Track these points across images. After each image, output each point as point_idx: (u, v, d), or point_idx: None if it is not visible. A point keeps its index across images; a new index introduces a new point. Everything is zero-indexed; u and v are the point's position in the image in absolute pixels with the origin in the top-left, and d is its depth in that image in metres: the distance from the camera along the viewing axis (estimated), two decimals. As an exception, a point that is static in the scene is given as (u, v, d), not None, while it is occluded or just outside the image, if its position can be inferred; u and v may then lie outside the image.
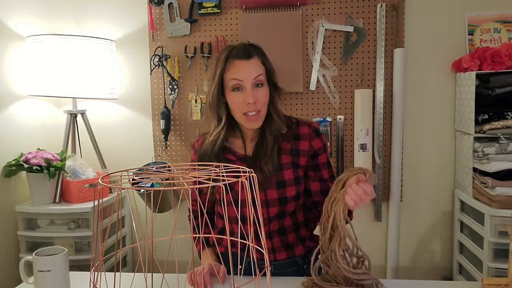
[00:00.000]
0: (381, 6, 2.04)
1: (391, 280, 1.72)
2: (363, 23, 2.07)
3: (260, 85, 1.21)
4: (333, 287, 1.07)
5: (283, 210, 1.27)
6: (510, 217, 1.68)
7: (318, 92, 2.13)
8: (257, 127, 1.24)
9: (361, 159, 2.08)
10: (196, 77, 2.19)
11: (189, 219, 1.43)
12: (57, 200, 2.02)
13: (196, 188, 1.25)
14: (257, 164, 1.23)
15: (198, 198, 1.21)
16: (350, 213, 1.14)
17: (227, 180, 0.70)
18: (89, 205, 1.98)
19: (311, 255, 1.26)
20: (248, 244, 0.75)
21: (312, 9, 2.09)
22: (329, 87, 2.12)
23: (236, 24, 2.13)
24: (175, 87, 2.18)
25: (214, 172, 0.75)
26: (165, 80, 2.19)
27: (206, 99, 1.27)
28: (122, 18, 2.24)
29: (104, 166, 2.18)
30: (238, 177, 0.70)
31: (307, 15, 2.09)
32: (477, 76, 1.85)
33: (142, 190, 1.93)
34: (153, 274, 0.70)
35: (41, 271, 1.07)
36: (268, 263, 0.71)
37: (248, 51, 1.21)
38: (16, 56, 2.03)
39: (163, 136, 2.21)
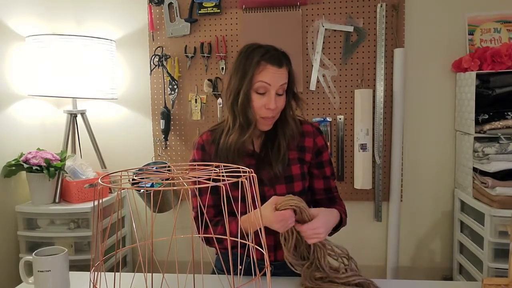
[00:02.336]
0: (381, 6, 2.03)
1: (391, 280, 1.71)
2: (363, 23, 2.07)
3: (280, 94, 1.24)
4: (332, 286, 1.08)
5: None
6: (510, 217, 1.69)
7: (318, 92, 2.13)
8: (268, 129, 1.28)
9: (361, 159, 2.08)
10: (196, 77, 2.18)
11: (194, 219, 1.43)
12: (57, 200, 2.02)
13: (196, 188, 1.25)
14: (266, 161, 1.27)
15: (198, 198, 1.21)
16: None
17: (227, 180, 0.70)
18: (89, 205, 1.98)
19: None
20: (248, 244, 0.75)
21: (312, 9, 2.09)
22: (329, 87, 2.12)
23: (236, 24, 2.13)
24: (175, 87, 2.18)
25: (214, 172, 0.75)
26: (165, 80, 2.19)
27: (227, 95, 1.26)
28: (122, 18, 2.24)
29: (104, 166, 2.18)
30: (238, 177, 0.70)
31: (307, 15, 2.09)
32: (477, 76, 1.85)
33: (142, 190, 1.93)
34: (153, 274, 0.69)
35: (41, 271, 1.07)
36: (268, 263, 0.71)
37: (280, 59, 1.23)
38: (16, 56, 2.03)
39: (163, 136, 2.21)
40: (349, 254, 1.17)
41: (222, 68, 2.15)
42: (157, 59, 2.16)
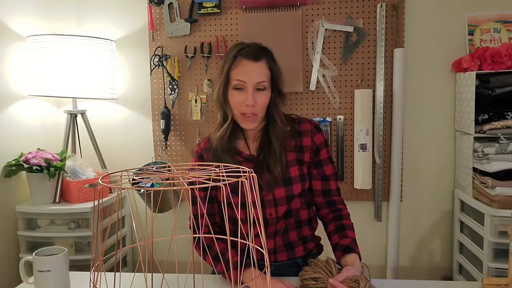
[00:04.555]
0: (381, 6, 2.03)
1: (391, 280, 1.71)
2: (363, 23, 2.07)
3: (261, 89, 1.22)
4: None
5: (290, 208, 1.27)
6: (510, 217, 1.68)
7: (318, 92, 2.13)
8: (251, 127, 1.26)
9: (361, 159, 2.08)
10: (196, 77, 2.19)
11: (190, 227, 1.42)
12: (57, 200, 2.02)
13: (196, 188, 1.25)
14: (263, 164, 1.24)
15: (199, 199, 1.21)
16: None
17: (227, 180, 0.70)
18: (89, 205, 1.98)
19: (311, 256, 1.26)
20: (248, 244, 0.75)
21: (312, 9, 2.09)
22: (329, 87, 2.12)
23: (236, 24, 2.13)
24: (175, 87, 2.18)
25: (214, 172, 0.75)
26: (165, 80, 2.19)
27: (215, 97, 1.30)
28: (122, 18, 2.24)
29: (104, 166, 2.18)
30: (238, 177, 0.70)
31: (307, 15, 2.09)
32: (477, 76, 1.85)
33: (142, 190, 1.93)
34: (153, 274, 0.70)
35: (41, 271, 1.07)
36: (268, 263, 0.71)
37: (257, 53, 1.22)
38: (16, 56, 2.03)
39: (163, 136, 2.21)
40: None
41: (222, 68, 2.15)
42: (157, 59, 2.16)
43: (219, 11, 2.12)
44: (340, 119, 2.13)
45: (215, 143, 1.27)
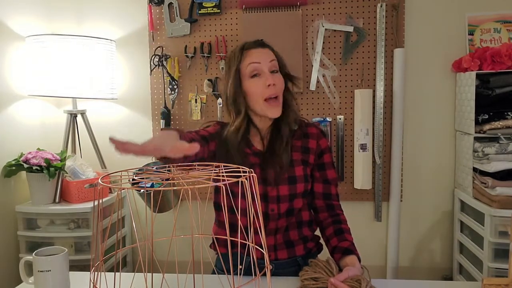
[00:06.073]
0: (381, 6, 2.03)
1: (391, 280, 1.71)
2: (363, 23, 2.07)
3: (275, 71, 1.26)
4: None
5: (292, 207, 1.28)
6: (510, 217, 1.68)
7: (318, 92, 2.13)
8: (278, 114, 1.25)
9: (361, 159, 2.08)
10: (196, 77, 2.19)
11: None
12: (57, 200, 2.02)
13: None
14: (270, 160, 1.26)
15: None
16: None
17: (227, 180, 0.70)
18: (89, 205, 1.98)
19: (311, 255, 1.26)
20: (248, 244, 0.75)
21: (312, 9, 2.09)
22: (329, 87, 2.12)
23: (236, 24, 2.13)
24: (175, 87, 2.18)
25: (214, 172, 0.75)
26: (165, 80, 2.19)
27: (222, 95, 1.32)
28: (122, 18, 2.24)
29: (104, 166, 2.18)
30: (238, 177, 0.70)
31: (307, 15, 2.09)
32: (477, 76, 1.85)
33: (142, 190, 1.93)
34: (153, 274, 0.69)
35: (41, 271, 1.07)
36: (268, 262, 0.71)
37: (260, 42, 1.29)
38: (16, 56, 2.03)
39: (163, 136, 2.21)
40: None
41: (222, 68, 2.15)
42: (157, 59, 2.16)
43: (219, 11, 2.12)
44: (340, 119, 2.13)
45: (228, 138, 1.27)
